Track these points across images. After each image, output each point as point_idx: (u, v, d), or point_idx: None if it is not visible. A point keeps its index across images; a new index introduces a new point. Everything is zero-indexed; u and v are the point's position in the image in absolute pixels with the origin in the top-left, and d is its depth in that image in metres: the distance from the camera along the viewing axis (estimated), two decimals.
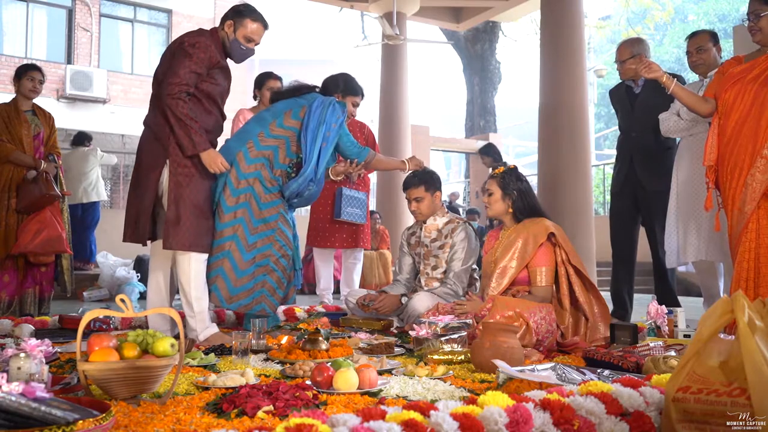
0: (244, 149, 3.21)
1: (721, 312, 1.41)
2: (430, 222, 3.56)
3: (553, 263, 2.96)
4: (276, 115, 3.28)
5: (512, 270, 2.96)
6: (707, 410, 1.34)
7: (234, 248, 3.11)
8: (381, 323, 3.41)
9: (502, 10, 9.31)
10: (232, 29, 3.05)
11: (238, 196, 3.14)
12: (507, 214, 3.10)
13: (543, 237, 2.95)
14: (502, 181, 3.09)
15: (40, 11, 13.24)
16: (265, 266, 3.16)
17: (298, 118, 3.26)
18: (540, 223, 3.00)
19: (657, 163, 3.87)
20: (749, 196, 2.81)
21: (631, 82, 3.98)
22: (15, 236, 4.03)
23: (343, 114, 3.36)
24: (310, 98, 3.33)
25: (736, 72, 2.97)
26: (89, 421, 1.29)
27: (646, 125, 3.90)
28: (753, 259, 2.79)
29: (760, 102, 2.85)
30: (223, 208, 3.12)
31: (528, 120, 18.62)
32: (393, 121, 9.08)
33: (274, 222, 3.20)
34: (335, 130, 3.29)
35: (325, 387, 1.89)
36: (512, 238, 3.02)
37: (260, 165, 3.19)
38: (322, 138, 3.23)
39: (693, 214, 3.66)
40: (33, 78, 4.14)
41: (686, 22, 23.98)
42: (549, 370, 2.03)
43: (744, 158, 2.85)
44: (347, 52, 31.26)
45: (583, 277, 2.97)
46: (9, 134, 4.08)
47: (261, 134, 3.24)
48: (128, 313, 1.76)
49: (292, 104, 3.32)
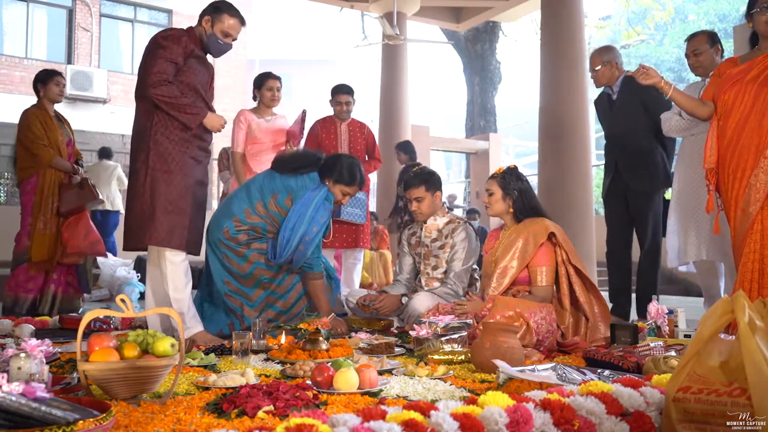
0: (230, 224, 3.25)
1: (721, 312, 1.41)
2: (431, 222, 3.56)
3: (553, 263, 2.96)
4: (263, 195, 3.28)
5: (513, 270, 2.96)
6: (708, 410, 1.34)
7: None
8: (381, 323, 3.41)
9: (502, 10, 9.31)
10: (209, 24, 3.06)
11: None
12: (507, 213, 3.10)
13: (543, 237, 2.95)
14: (503, 180, 3.09)
15: (41, 11, 13.24)
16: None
17: (282, 206, 3.26)
18: (540, 222, 3.00)
19: (640, 165, 3.89)
20: (753, 197, 2.80)
21: (608, 88, 4.05)
22: (58, 239, 4.13)
23: (327, 215, 3.33)
24: (300, 187, 3.28)
25: (734, 73, 2.97)
26: (89, 421, 1.29)
27: (626, 128, 3.94)
28: (758, 261, 2.77)
29: (761, 102, 2.84)
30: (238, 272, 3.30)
31: (528, 120, 18.61)
32: (393, 121, 9.09)
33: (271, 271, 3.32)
34: (315, 234, 3.26)
35: (325, 387, 1.89)
36: (513, 238, 3.01)
37: (247, 235, 3.26)
38: (299, 241, 3.22)
39: (693, 214, 3.66)
40: (59, 83, 4.23)
41: (686, 22, 23.97)
42: (549, 370, 2.03)
43: (747, 159, 2.84)
44: (347, 52, 31.24)
45: (584, 277, 2.97)
46: (48, 139, 4.15)
47: (247, 211, 3.27)
48: (128, 313, 1.76)
49: (280, 188, 3.28)
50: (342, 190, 3.36)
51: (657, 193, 3.90)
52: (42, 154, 4.11)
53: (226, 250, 3.25)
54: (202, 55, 3.09)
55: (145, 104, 2.95)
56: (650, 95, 3.82)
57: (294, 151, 3.48)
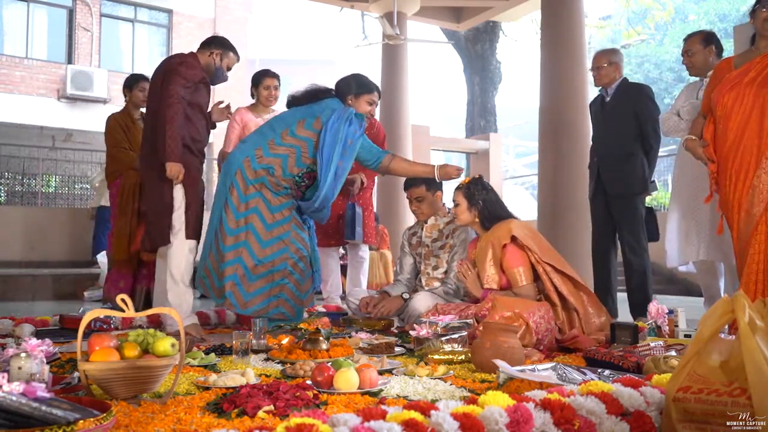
0: (252, 155, 3.21)
1: (721, 312, 1.41)
2: (431, 222, 3.57)
3: (526, 261, 2.99)
4: (288, 123, 3.26)
5: (494, 277, 3.01)
6: (708, 410, 1.34)
7: (246, 254, 3.14)
8: (381, 323, 3.41)
9: (502, 9, 9.31)
10: (219, 58, 3.45)
11: (247, 201, 3.17)
12: (474, 223, 3.16)
13: (506, 239, 2.98)
14: (467, 191, 3.14)
15: (41, 11, 13.25)
16: (282, 270, 3.18)
17: (312, 129, 3.23)
18: (504, 225, 3.04)
19: (620, 169, 3.90)
20: (756, 198, 2.80)
21: (603, 90, 4.07)
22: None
23: (361, 127, 3.30)
24: (325, 107, 3.27)
25: (733, 76, 2.98)
26: (90, 420, 1.29)
27: (612, 131, 3.96)
28: (763, 261, 2.77)
29: (760, 104, 2.85)
30: (233, 214, 3.15)
31: (528, 120, 18.62)
32: (393, 121, 9.09)
33: (287, 225, 3.22)
34: (352, 147, 3.25)
35: (325, 387, 1.89)
36: (484, 246, 3.07)
37: (266, 172, 3.20)
38: (338, 156, 3.18)
39: (693, 215, 3.67)
40: (143, 88, 4.32)
41: (686, 21, 23.96)
42: (549, 370, 2.03)
43: (749, 161, 2.85)
44: (347, 52, 31.27)
45: (559, 272, 3.00)
46: (129, 143, 4.27)
47: (271, 141, 3.22)
48: (129, 313, 1.76)
49: (306, 113, 3.27)
50: (367, 101, 3.37)
51: (635, 198, 3.89)
52: (123, 157, 4.23)
53: (230, 197, 3.19)
54: (207, 82, 3.42)
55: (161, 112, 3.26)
56: (644, 105, 3.86)
57: (307, 88, 3.50)
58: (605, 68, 3.98)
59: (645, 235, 3.88)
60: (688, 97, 3.76)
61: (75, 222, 8.11)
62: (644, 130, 3.84)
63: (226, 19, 14.66)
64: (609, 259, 4.01)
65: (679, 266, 3.88)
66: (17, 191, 12.12)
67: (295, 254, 3.20)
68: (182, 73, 3.24)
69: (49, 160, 12.15)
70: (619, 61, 4.01)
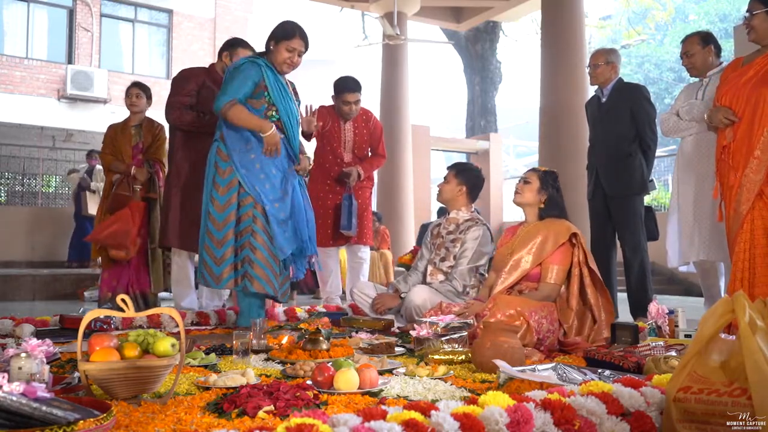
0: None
1: (721, 312, 1.41)
2: (453, 215, 3.58)
3: (567, 263, 2.97)
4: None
5: (526, 265, 2.97)
6: (708, 410, 1.34)
7: (207, 230, 3.25)
8: (382, 323, 3.41)
9: (502, 9, 9.32)
10: (228, 59, 3.73)
11: (206, 179, 3.34)
12: (535, 206, 3.12)
13: (564, 237, 2.97)
14: (544, 176, 3.14)
15: (41, 11, 13.25)
16: (246, 242, 3.21)
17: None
18: (563, 223, 3.03)
19: (618, 170, 3.91)
20: (744, 196, 2.87)
21: (599, 91, 4.06)
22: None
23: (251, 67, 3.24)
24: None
25: (734, 76, 3.02)
26: (90, 421, 1.29)
27: (609, 132, 3.96)
28: (748, 259, 2.85)
29: (752, 104, 2.90)
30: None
31: (528, 120, 18.62)
32: (393, 121, 9.08)
33: (236, 197, 3.23)
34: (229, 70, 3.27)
35: (325, 387, 1.89)
36: (532, 233, 3.03)
37: (215, 144, 3.32)
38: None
39: (694, 215, 3.67)
40: (130, 94, 4.50)
41: (687, 22, 23.97)
42: (550, 370, 2.03)
43: (740, 159, 2.92)
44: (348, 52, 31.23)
45: (596, 281, 2.97)
46: (113, 147, 4.50)
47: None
48: (129, 313, 1.76)
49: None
50: (286, 47, 3.31)
51: (634, 198, 3.89)
52: (103, 160, 4.57)
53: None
54: (209, 84, 3.81)
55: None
56: (640, 105, 3.86)
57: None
58: (602, 67, 3.98)
59: (644, 235, 3.88)
60: (687, 97, 3.76)
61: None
62: (641, 130, 3.85)
63: (226, 19, 14.67)
64: (609, 259, 4.01)
65: (679, 266, 3.88)
66: (17, 191, 12.12)
67: (256, 225, 3.22)
68: (174, 87, 3.82)
69: (49, 160, 12.16)
70: (616, 62, 4.00)
